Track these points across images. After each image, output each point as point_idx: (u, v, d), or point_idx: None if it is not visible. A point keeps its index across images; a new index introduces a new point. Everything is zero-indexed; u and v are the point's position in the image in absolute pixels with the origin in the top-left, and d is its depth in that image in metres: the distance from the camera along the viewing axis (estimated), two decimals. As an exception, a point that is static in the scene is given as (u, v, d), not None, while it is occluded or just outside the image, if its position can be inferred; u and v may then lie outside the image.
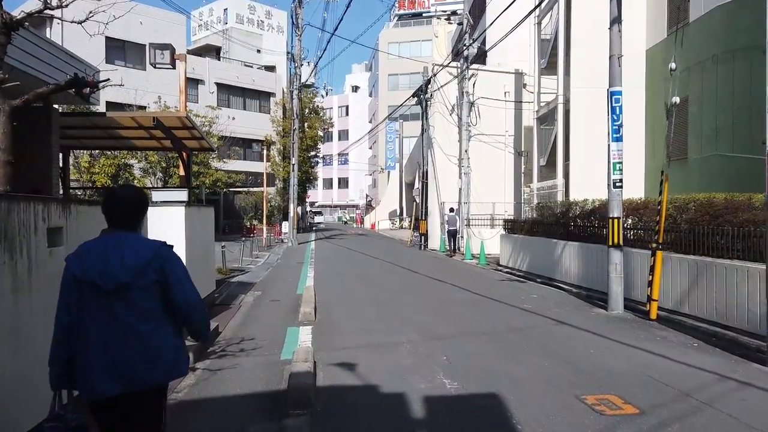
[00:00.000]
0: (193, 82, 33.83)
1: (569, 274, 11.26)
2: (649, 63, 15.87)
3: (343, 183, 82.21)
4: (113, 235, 2.34)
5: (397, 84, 54.45)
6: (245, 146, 35.49)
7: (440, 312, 8.24)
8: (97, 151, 22.60)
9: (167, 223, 6.73)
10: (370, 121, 62.88)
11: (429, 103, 22.65)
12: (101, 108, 24.92)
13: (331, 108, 71.69)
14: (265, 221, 23.65)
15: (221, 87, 35.16)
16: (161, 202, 6.89)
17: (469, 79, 21.63)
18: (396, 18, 57.03)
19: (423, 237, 22.84)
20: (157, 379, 2.31)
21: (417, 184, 30.03)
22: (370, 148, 63.69)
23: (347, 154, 67.68)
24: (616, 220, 8.32)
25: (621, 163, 8.35)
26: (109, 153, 22.87)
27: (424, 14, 55.93)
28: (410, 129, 50.00)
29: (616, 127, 8.28)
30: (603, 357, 5.61)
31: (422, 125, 22.78)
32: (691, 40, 12.94)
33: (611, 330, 6.96)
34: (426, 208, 22.79)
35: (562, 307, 8.83)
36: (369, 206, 58.93)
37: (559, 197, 16.58)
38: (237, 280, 12.20)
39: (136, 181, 22.99)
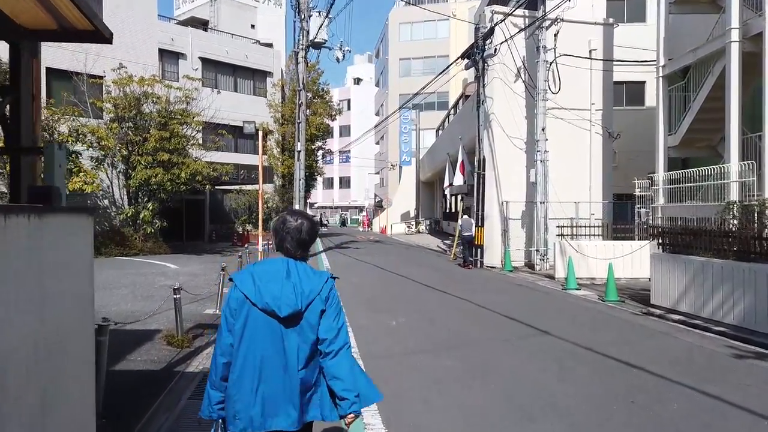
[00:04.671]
0: (172, 56, 27.54)
1: None
2: None
3: (345, 183, 76.00)
4: (284, 261, 2.23)
5: (410, 69, 48.09)
6: (237, 135, 29.13)
7: None
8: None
9: None
10: (377, 114, 56.49)
11: (486, 65, 16.43)
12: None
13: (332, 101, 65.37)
14: (261, 227, 17.42)
15: (207, 63, 28.83)
16: None
17: (548, 28, 15.43)
18: (407, -5, 50.66)
19: (477, 249, 16.60)
20: (316, 415, 2.19)
21: (454, 180, 23.79)
22: (377, 143, 57.40)
23: (349, 151, 61.21)
24: None
25: None
26: (46, 134, 16.53)
27: (439, -9, 49.62)
28: (427, 120, 43.69)
29: None
30: None
31: (478, 96, 16.56)
32: None
33: None
34: (482, 209, 16.57)
35: None
36: (378, 207, 52.55)
37: (734, 191, 10.38)
38: (204, 368, 5.78)
39: (84, 174, 16.69)
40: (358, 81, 76.50)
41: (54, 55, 18.66)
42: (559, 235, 13.42)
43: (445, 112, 39.19)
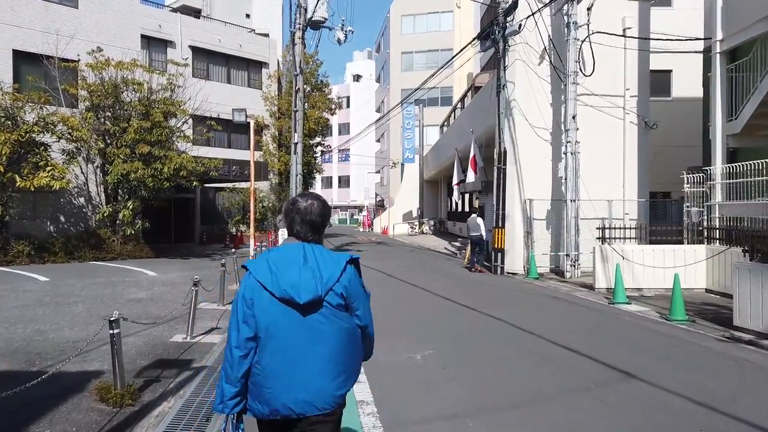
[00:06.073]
0: (159, 44, 25.58)
1: None
2: None
3: (344, 182, 73.97)
4: (299, 246, 2.09)
5: (412, 63, 46.13)
6: (231, 130, 27.21)
7: None
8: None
9: None
10: (378, 111, 54.51)
11: (507, 46, 14.53)
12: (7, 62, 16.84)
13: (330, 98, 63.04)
14: (253, 228, 15.52)
15: (198, 52, 26.86)
16: None
17: (579, 1, 13.57)
18: (410, -14, 48.68)
19: (498, 254, 14.69)
20: (344, 399, 2.08)
21: (465, 177, 21.93)
22: (378, 140, 55.45)
23: (348, 149, 59.12)
24: None
25: None
26: (9, 122, 14.62)
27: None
28: (430, 117, 41.70)
29: None
30: None
31: (497, 80, 14.64)
32: None
33: None
34: (503, 208, 14.66)
35: None
36: (380, 207, 50.60)
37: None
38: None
39: (50, 169, 14.73)
40: (357, 78, 74.45)
41: (21, 36, 16.73)
42: (599, 239, 11.52)
43: (450, 108, 37.28)
